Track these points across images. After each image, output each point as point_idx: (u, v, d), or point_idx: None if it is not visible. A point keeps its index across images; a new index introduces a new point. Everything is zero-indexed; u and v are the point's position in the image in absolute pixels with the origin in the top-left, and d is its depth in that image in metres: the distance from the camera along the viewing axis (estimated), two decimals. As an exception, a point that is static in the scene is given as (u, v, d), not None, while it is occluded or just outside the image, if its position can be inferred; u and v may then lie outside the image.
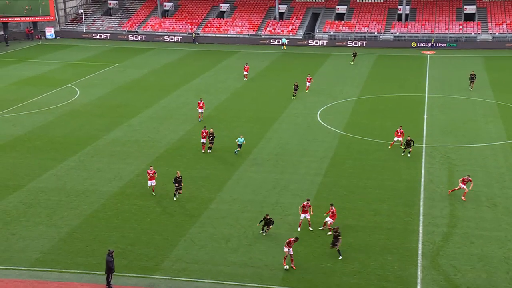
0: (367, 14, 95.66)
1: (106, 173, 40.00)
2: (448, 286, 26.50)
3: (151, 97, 60.39)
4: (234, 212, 34.10)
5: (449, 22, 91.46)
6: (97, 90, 63.74)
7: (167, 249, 29.82)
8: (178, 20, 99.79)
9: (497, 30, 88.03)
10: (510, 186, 36.96)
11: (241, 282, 27.07)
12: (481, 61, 76.61)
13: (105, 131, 49.14)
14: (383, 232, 31.48)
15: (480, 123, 50.14)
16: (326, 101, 57.95)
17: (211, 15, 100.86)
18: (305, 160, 42.16)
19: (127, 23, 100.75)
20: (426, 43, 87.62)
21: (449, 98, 58.56)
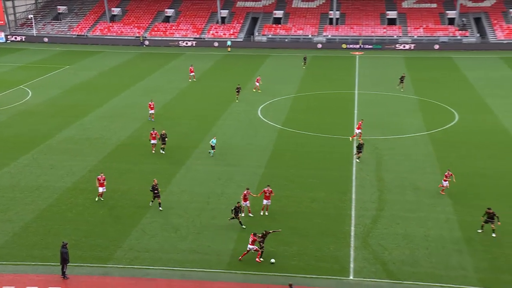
0: (302, 18, 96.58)
1: (59, 170, 38.93)
2: (377, 263, 27.18)
3: (102, 97, 59.10)
4: (182, 203, 33.85)
5: (374, 25, 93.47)
6: (49, 91, 61.87)
7: (119, 240, 29.34)
8: (126, 25, 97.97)
9: (416, 33, 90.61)
10: (430, 172, 38.16)
11: (190, 267, 26.97)
12: (402, 61, 78.66)
13: (57, 130, 47.79)
14: (320, 217, 31.95)
15: (403, 117, 51.50)
16: (266, 98, 58.21)
17: (157, 19, 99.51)
18: (247, 153, 42.26)
19: (77, 28, 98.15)
20: (354, 44, 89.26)
21: (376, 95, 59.90)
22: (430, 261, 27.30)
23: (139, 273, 26.58)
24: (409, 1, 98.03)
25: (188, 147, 43.21)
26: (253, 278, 26.22)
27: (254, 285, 25.70)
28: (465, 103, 55.41)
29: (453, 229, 30.32)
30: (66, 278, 25.93)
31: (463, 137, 45.41)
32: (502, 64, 75.25)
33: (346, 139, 44.84)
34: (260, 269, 26.76)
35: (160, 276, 26.40)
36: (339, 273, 26.40)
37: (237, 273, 26.56)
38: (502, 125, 48.30)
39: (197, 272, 26.65)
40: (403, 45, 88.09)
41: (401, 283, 25.64)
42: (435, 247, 28.53)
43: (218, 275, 26.44)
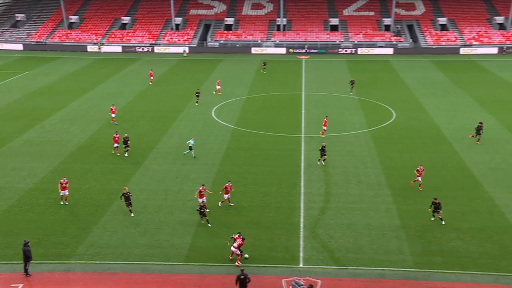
0: (251, 25, 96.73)
1: (20, 171, 37.66)
2: (325, 251, 27.54)
3: (62, 101, 57.49)
4: (141, 200, 33.34)
5: (318, 31, 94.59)
6: (9, 95, 59.74)
7: (81, 237, 28.66)
8: (84, 32, 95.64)
9: (356, 38, 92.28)
10: (371, 166, 38.93)
11: (150, 261, 26.63)
12: (345, 64, 79.96)
13: (18, 133, 46.21)
14: (271, 211, 32.11)
15: (346, 116, 52.32)
16: (220, 100, 58.01)
17: (114, 26, 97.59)
18: (203, 152, 42.00)
19: (35, 35, 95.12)
20: (301, 49, 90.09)
21: (322, 95, 60.63)
22: (372, 247, 27.86)
23: (101, 268, 26.04)
24: (350, 9, 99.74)
25: (145, 147, 42.59)
26: (210, 269, 26.11)
27: (211, 275, 25.60)
28: (401, 102, 56.81)
29: (392, 217, 31.04)
30: (28, 276, 25.13)
31: (400, 134, 46.54)
32: (432, 67, 77.56)
33: (295, 137, 45.21)
34: (217, 261, 26.67)
35: (121, 270, 25.93)
36: (290, 261, 26.60)
37: (195, 265, 26.40)
38: (433, 122, 49.77)
39: (157, 265, 26.32)
40: (344, 50, 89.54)
41: (346, 268, 26.07)
42: (376, 234, 29.14)
43: (176, 267, 26.20)
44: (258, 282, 24.89)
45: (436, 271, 25.72)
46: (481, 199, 32.99)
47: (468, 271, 25.66)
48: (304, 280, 24.61)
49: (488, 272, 25.47)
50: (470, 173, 36.21)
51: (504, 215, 31.05)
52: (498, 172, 37.46)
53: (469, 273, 25.48)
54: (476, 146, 42.71)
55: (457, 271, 25.65)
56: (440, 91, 62.10)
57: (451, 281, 24.96)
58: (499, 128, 47.12)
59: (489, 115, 51.44)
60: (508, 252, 27.15)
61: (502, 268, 25.76)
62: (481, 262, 26.30)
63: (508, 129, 47.23)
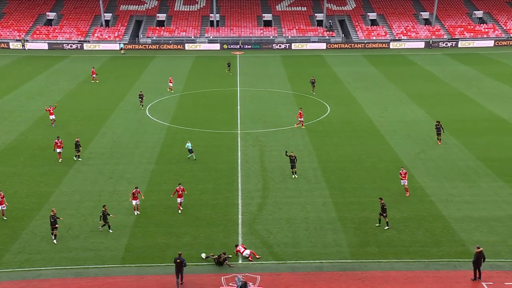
0: (184, 21, 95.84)
1: None
2: (264, 247, 27.77)
3: (-17, 101, 54.71)
4: (74, 202, 32.33)
5: (252, 27, 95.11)
6: None
7: (8, 243, 27.42)
8: (5, 27, 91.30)
9: (289, 34, 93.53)
10: (307, 161, 39.58)
11: (84, 265, 25.89)
12: (279, 59, 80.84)
13: None
14: (209, 208, 32.01)
15: (281, 110, 52.91)
16: (154, 97, 57.12)
17: (38, 22, 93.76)
18: (137, 151, 41.25)
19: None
20: (235, 45, 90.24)
21: (257, 91, 61.00)
22: (310, 241, 28.38)
23: (31, 275, 25.02)
24: (282, 4, 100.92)
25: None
26: (147, 270, 25.71)
27: (148, 277, 25.21)
28: (335, 96, 58.12)
29: (329, 210, 31.73)
30: None
31: (335, 127, 47.60)
32: (364, 61, 79.89)
33: (232, 133, 45.26)
34: (154, 261, 26.29)
35: (53, 276, 25.04)
36: (229, 258, 26.60)
37: (131, 266, 25.91)
38: (366, 115, 51.28)
39: (91, 269, 25.62)
40: (279, 45, 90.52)
41: (285, 263, 26.42)
42: (314, 228, 29.71)
43: (112, 270, 25.61)
44: (198, 280, 24.79)
45: (372, 261, 26.56)
46: (412, 189, 34.34)
47: (402, 259, 26.67)
48: (243, 276, 24.71)
49: (419, 259, 26.59)
50: (402, 164, 37.60)
51: (434, 204, 32.50)
52: (428, 162, 39.12)
53: (403, 261, 26.49)
54: (406, 138, 44.39)
55: (391, 260, 26.60)
56: (372, 84, 64.08)
57: (386, 270, 25.85)
58: (428, 120, 49.21)
59: (419, 108, 53.61)
60: (438, 239, 28.46)
61: (433, 255, 26.98)
62: (413, 250, 27.40)
63: (436, 120, 49.46)
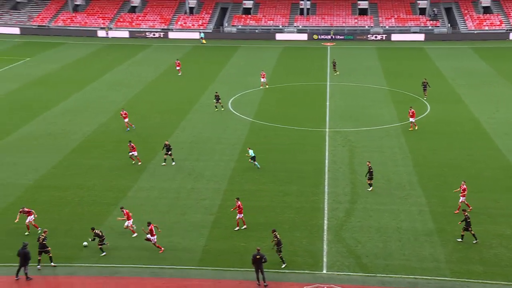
0: (272, 9, 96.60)
1: (21, 167, 38.27)
2: (350, 257, 27.53)
3: (65, 91, 58.16)
4: (152, 199, 33.68)
5: (345, 16, 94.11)
6: (8, 85, 60.61)
7: (86, 238, 28.99)
8: (90, 15, 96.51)
9: (387, 23, 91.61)
10: (402, 164, 38.71)
11: (160, 264, 26.89)
12: (374, 52, 79.46)
13: (18, 125, 46.91)
14: (292, 211, 32.16)
15: (375, 108, 52.05)
16: (237, 91, 58.15)
17: (123, 10, 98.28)
18: (218, 147, 42.21)
19: (37, 18, 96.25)
20: (326, 35, 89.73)
21: (348, 86, 60.38)
22: (403, 253, 27.76)
23: (108, 272, 26.39)
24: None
25: (156, 142, 42.87)
26: (225, 274, 26.29)
27: (226, 281, 25.77)
28: (437, 94, 56.27)
29: (426, 220, 30.86)
30: (29, 279, 25.58)
31: (435, 128, 46.16)
32: (472, 54, 76.66)
33: (319, 131, 45.14)
34: (232, 265, 26.84)
35: (130, 274, 26.26)
36: (313, 267, 26.65)
37: (209, 269, 26.60)
38: (472, 115, 49.26)
39: (168, 269, 26.59)
40: (374, 36, 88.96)
41: (374, 276, 26.03)
42: (408, 239, 29.02)
43: (189, 272, 26.44)
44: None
45: (475, 281, 25.50)
46: (525, 202, 32.61)
47: None
48: (327, 287, 24.64)
49: (532, 283, 25.26)
50: (514, 173, 35.81)
51: (551, 220, 30.67)
52: (545, 171, 36.97)
53: (512, 283, 25.29)
54: (520, 142, 42.17)
55: (499, 282, 25.40)
56: (482, 81, 61.38)
57: (491, 291, 24.79)
58: (546, 123, 46.45)
59: (536, 108, 50.75)
60: (555, 260, 26.84)
61: (549, 278, 25.50)
62: (525, 272, 26.07)
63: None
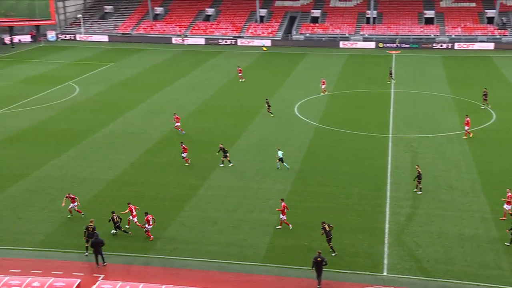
0: (339, 18, 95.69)
1: (103, 163, 39.69)
2: (411, 260, 26.79)
3: (144, 93, 59.88)
4: (220, 197, 34.06)
5: (411, 25, 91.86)
6: (94, 87, 63.08)
7: (160, 231, 29.72)
8: (168, 23, 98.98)
9: (453, 32, 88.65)
10: (465, 171, 37.34)
11: (227, 260, 27.14)
12: (439, 60, 77.09)
13: (102, 124, 48.69)
14: (354, 214, 31.68)
15: (439, 115, 50.51)
16: (303, 96, 57.93)
17: (198, 18, 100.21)
18: (284, 149, 41.98)
19: (122, 26, 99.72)
20: (391, 43, 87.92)
21: (412, 93, 58.90)
22: (465, 259, 26.74)
23: (178, 264, 26.90)
24: (448, 0, 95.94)
25: (225, 143, 43.33)
26: (288, 271, 26.21)
27: (289, 279, 25.69)
28: (503, 102, 53.90)
29: (489, 228, 29.60)
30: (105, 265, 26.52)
31: (500, 136, 44.23)
32: (541, 64, 72.89)
33: (382, 137, 44.26)
34: (295, 263, 26.72)
35: (198, 267, 26.66)
36: (373, 269, 26.14)
37: (272, 266, 26.60)
38: (540, 125, 46.85)
39: (234, 265, 26.80)
40: (440, 44, 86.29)
41: (435, 280, 25.20)
42: (470, 246, 27.93)
43: (254, 268, 26.54)
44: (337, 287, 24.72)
45: (538, 290, 24.25)
46: None
47: None
48: (387, 290, 24.11)
49: None
50: None
51: None
52: None
53: None
54: None
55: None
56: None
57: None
58: None
59: None
60: None
61: None
62: None
63: None
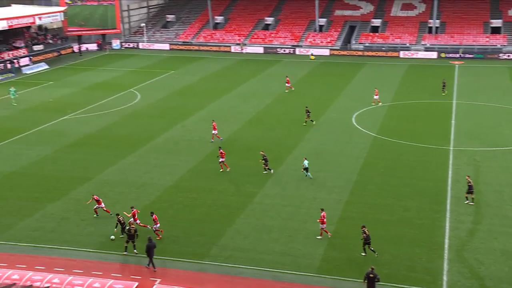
0: (400, 27, 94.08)
1: (162, 168, 40.56)
2: (473, 277, 25.89)
3: (203, 100, 60.83)
4: (275, 206, 34.09)
5: (476, 34, 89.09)
6: (155, 94, 64.65)
7: (215, 238, 30.06)
8: (228, 32, 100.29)
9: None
10: (533, 187, 35.82)
11: (281, 269, 27.10)
12: (506, 71, 74.33)
13: (162, 130, 49.81)
14: (412, 227, 30.96)
15: (503, 128, 48.68)
16: (361, 106, 57.23)
17: (257, 27, 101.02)
18: (341, 159, 41.80)
19: (183, 35, 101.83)
20: (454, 53, 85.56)
21: (475, 105, 57.07)
22: (530, 280, 25.61)
23: (233, 271, 27.09)
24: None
25: (281, 151, 43.43)
26: (343, 284, 25.88)
27: (344, 291, 25.39)
28: None
29: (557, 248, 28.23)
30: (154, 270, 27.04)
31: None
32: None
33: (443, 149, 43.09)
34: (350, 275, 26.36)
35: (252, 275, 26.74)
36: (432, 284, 25.42)
37: (327, 277, 26.35)
38: None
39: (288, 274, 26.72)
40: (507, 55, 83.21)
41: (497, 300, 24.26)
42: (536, 265, 26.73)
43: (308, 278, 26.37)
44: (394, 303, 24.17)
45: None
46: None
47: None
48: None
49: None
50: None
51: None
52: None
53: None
54: None
55: None
56: None
57: None
58: None
59: None
60: None
61: None
62: None
63: None
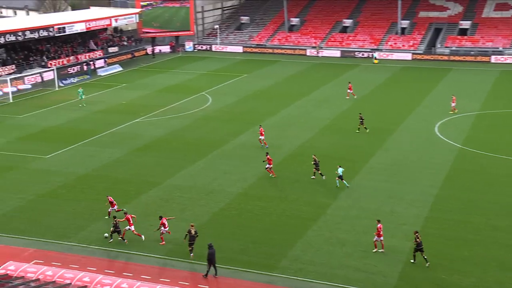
0: (493, 29, 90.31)
1: (232, 175, 40.91)
2: None
3: (274, 105, 60.94)
4: (349, 218, 33.51)
5: None
6: (227, 98, 65.48)
7: (285, 249, 29.90)
8: (303, 35, 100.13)
9: None
10: None
11: (355, 286, 26.54)
12: None
13: (232, 135, 50.31)
14: (502, 248, 29.47)
15: None
16: (445, 115, 55.35)
17: (334, 30, 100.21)
18: (422, 171, 40.53)
19: (257, 37, 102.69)
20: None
21: None
22: None
23: (303, 286, 26.80)
24: None
25: (358, 160, 42.69)
26: (421, 306, 25.02)
27: (422, 314, 24.50)
28: None
29: None
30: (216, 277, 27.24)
31: None
32: None
33: (537, 164, 40.84)
34: (429, 298, 25.45)
35: (323, 290, 26.38)
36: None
37: (404, 298, 25.57)
38: None
39: (362, 292, 26.16)
40: None
41: None
42: None
43: (383, 298, 25.70)
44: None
45: None
46: None
47: None
48: None
49: None
50: None
51: None
52: None
53: None
54: None
55: None
56: None
57: None
58: None
59: None
60: None
61: None
62: None
63: None
